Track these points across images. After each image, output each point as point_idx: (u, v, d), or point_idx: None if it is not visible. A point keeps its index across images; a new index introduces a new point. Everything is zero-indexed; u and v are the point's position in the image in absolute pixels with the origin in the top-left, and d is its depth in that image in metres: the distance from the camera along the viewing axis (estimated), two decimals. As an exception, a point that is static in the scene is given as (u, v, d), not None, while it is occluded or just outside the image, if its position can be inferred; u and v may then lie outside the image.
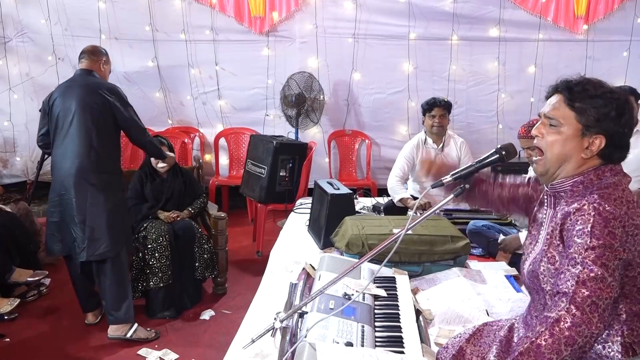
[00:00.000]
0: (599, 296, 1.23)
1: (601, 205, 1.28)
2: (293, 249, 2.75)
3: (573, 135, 1.38)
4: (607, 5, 5.15)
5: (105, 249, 2.99)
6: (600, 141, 1.36)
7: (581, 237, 1.27)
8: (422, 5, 5.15)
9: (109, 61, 3.27)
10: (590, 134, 1.36)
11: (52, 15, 5.22)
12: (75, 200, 2.96)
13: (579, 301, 1.23)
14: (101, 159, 3.00)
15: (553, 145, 1.40)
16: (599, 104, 1.35)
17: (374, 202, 3.73)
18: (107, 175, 3.02)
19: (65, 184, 2.99)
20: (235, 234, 4.52)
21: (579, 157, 1.39)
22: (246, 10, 5.24)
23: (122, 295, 3.08)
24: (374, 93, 5.44)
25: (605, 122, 1.35)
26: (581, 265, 1.25)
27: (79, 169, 2.96)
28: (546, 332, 1.23)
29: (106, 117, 3.00)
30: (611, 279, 1.24)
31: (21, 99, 5.46)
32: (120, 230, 3.07)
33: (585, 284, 1.24)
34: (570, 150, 1.38)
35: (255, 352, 1.64)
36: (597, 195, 1.30)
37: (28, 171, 5.58)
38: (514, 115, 5.41)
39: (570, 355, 1.21)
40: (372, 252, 1.55)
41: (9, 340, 3.09)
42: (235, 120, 5.58)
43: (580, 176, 1.39)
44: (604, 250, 1.24)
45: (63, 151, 3.01)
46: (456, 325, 1.91)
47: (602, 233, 1.25)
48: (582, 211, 1.30)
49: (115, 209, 3.04)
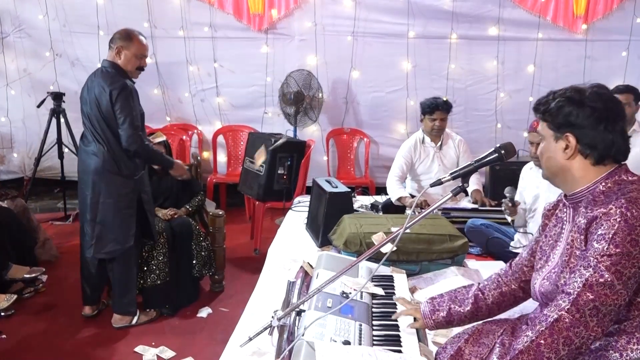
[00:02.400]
0: (603, 302, 1.24)
1: (629, 211, 1.27)
2: (291, 247, 2.75)
3: (550, 142, 1.45)
4: (606, 5, 5.15)
5: (111, 248, 3.04)
6: (570, 138, 1.40)
7: (600, 242, 1.27)
8: (421, 4, 5.14)
9: (129, 46, 2.98)
10: (560, 134, 1.42)
11: (50, 10, 5.21)
12: (89, 197, 3.00)
13: (581, 304, 1.24)
14: (117, 158, 2.98)
15: (541, 156, 1.50)
16: (558, 105, 1.42)
17: (372, 200, 3.72)
18: (120, 175, 3.00)
19: (85, 180, 3.03)
20: (233, 232, 4.51)
21: (564, 161, 1.42)
22: (245, 7, 5.23)
23: (127, 288, 3.16)
24: (373, 91, 5.43)
25: (566, 118, 1.40)
26: (593, 270, 1.26)
27: (96, 166, 2.97)
28: (546, 332, 1.25)
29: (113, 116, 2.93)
30: (621, 286, 1.24)
31: (18, 94, 5.44)
32: (129, 230, 3.05)
33: (592, 288, 1.25)
34: (555, 156, 1.44)
35: (252, 350, 1.63)
36: (624, 200, 1.29)
37: (25, 168, 5.57)
38: (513, 115, 5.41)
39: (567, 355, 1.25)
40: (370, 250, 1.55)
41: (5, 336, 3.08)
42: (234, 117, 5.57)
43: (597, 184, 1.39)
44: (620, 258, 1.24)
45: (86, 146, 3.03)
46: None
47: (623, 241, 1.25)
48: (609, 215, 1.29)
49: (125, 208, 3.03)
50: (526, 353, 1.26)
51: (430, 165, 3.86)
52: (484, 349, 1.51)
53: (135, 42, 3.00)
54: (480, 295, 1.63)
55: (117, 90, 2.88)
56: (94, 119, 2.96)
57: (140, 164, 3.10)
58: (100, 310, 3.33)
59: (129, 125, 2.90)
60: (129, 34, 3.01)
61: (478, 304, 1.62)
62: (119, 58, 2.98)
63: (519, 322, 1.56)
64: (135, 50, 3.00)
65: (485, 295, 1.63)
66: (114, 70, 2.98)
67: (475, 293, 1.64)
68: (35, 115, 5.22)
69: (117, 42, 2.98)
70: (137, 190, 3.08)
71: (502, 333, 1.53)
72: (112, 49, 3.00)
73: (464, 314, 1.62)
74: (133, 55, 3.00)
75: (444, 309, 1.63)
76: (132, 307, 3.21)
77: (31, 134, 5.50)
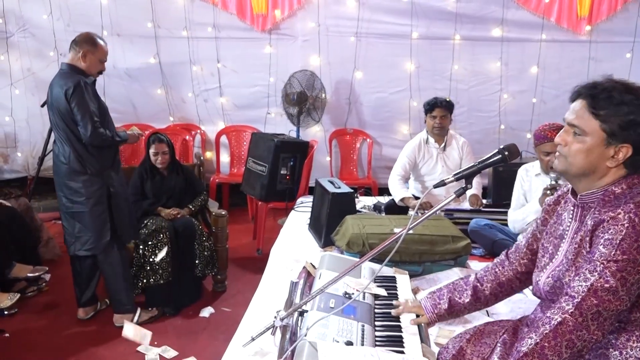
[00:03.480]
0: (606, 307, 1.24)
1: (637, 216, 1.25)
2: (293, 247, 2.75)
3: (597, 145, 1.33)
4: (611, 6, 5.14)
5: (90, 245, 3.09)
6: (627, 150, 1.32)
7: (607, 247, 1.26)
8: (425, 5, 5.14)
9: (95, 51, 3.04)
10: (615, 142, 1.31)
11: (54, 10, 5.22)
12: (63, 197, 3.09)
13: (585, 308, 1.25)
14: (82, 159, 3.02)
15: (577, 154, 1.36)
16: (624, 112, 1.30)
17: (375, 201, 3.72)
18: (86, 174, 3.03)
19: (58, 182, 3.11)
20: (236, 232, 4.52)
21: (604, 166, 1.34)
22: (248, 7, 5.23)
23: (119, 287, 3.19)
24: (376, 92, 5.43)
25: (630, 131, 1.30)
26: (599, 275, 1.25)
27: (65, 168, 3.04)
28: (550, 335, 1.26)
29: (71, 115, 2.96)
30: (624, 292, 1.24)
31: (22, 94, 5.46)
32: (103, 225, 3.09)
33: (597, 293, 1.25)
34: (595, 159, 1.34)
35: (254, 350, 1.63)
36: (633, 205, 1.27)
37: (29, 167, 5.58)
38: (516, 116, 5.40)
39: (569, 358, 1.25)
40: (373, 251, 1.55)
41: (8, 335, 3.09)
42: (237, 117, 5.57)
43: (611, 186, 1.35)
44: (626, 265, 1.24)
45: (55, 150, 3.11)
46: (456, 325, 1.91)
47: (630, 247, 1.24)
48: (616, 220, 1.27)
49: (95, 205, 3.05)
50: (530, 356, 1.26)
51: (434, 166, 3.85)
52: (486, 348, 1.52)
53: (99, 48, 3.08)
54: (479, 287, 1.65)
55: (72, 88, 2.92)
56: (58, 120, 3.01)
57: (107, 160, 3.10)
58: (95, 313, 3.34)
59: (89, 120, 2.93)
60: (94, 39, 3.07)
61: (477, 295, 1.64)
62: (83, 61, 3.03)
63: (520, 324, 1.56)
64: (100, 55, 3.08)
65: (483, 287, 1.65)
66: (71, 71, 3.03)
67: (474, 284, 1.66)
68: (39, 115, 5.23)
69: (84, 46, 3.03)
70: (105, 185, 3.09)
71: (504, 333, 1.54)
72: (76, 52, 3.03)
73: (463, 305, 1.65)
74: (98, 59, 3.08)
75: (445, 301, 1.66)
76: (129, 305, 3.22)
77: (35, 133, 5.51)
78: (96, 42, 3.07)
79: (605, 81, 1.36)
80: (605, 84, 1.34)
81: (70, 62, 3.05)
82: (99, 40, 3.09)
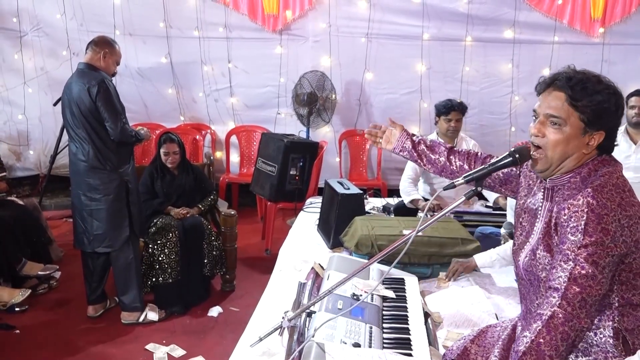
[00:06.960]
0: (589, 293, 1.27)
1: (594, 199, 1.29)
2: (302, 247, 2.75)
3: (575, 134, 1.37)
4: (624, 8, 5.08)
5: (109, 242, 3.14)
6: (600, 136, 1.38)
7: (574, 234, 1.30)
8: (437, 6, 5.12)
9: (113, 53, 3.16)
10: (591, 130, 1.37)
11: (67, 10, 5.27)
12: (81, 195, 3.11)
13: (570, 297, 1.27)
14: (101, 155, 3.06)
15: (556, 144, 1.38)
16: (599, 100, 1.35)
17: (384, 202, 3.71)
18: (105, 170, 3.08)
19: (76, 180, 3.14)
20: (245, 232, 4.52)
21: (580, 153, 1.39)
22: (260, 8, 5.24)
23: (129, 284, 3.22)
24: (386, 93, 5.42)
25: (605, 118, 1.36)
26: (573, 262, 1.28)
27: (84, 167, 3.07)
28: (543, 330, 1.28)
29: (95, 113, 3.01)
30: (601, 276, 1.28)
31: (35, 92, 5.51)
32: (123, 221, 3.14)
33: (577, 280, 1.27)
34: (573, 148, 1.38)
35: (262, 350, 1.64)
36: (590, 189, 1.31)
37: (41, 165, 5.63)
38: (527, 118, 5.29)
39: (566, 350, 1.28)
40: (382, 253, 1.54)
41: (18, 331, 3.12)
42: (247, 117, 5.59)
43: (578, 168, 1.40)
44: (596, 248, 1.27)
45: (72, 150, 3.14)
46: (465, 328, 1.89)
47: (595, 230, 1.27)
48: (575, 206, 1.31)
49: (114, 201, 3.10)
50: (528, 354, 1.27)
51: (444, 168, 3.83)
52: (489, 348, 1.56)
53: (116, 51, 3.19)
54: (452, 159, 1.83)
55: (96, 86, 2.98)
56: (78, 118, 3.03)
57: (124, 157, 3.17)
58: (105, 310, 3.36)
59: (117, 117, 3.02)
60: (112, 42, 3.18)
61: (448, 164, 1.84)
62: (102, 62, 3.09)
63: (520, 321, 1.57)
64: (116, 57, 3.20)
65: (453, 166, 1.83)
66: (91, 70, 3.07)
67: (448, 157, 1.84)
68: (52, 113, 5.27)
69: (104, 47, 3.12)
70: (124, 181, 3.15)
71: (505, 331, 1.56)
72: (95, 52, 3.09)
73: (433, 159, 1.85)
74: (115, 61, 3.19)
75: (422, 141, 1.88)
76: (137, 303, 3.24)
77: (47, 132, 5.56)
78: (114, 45, 3.18)
79: (574, 72, 1.40)
80: (578, 75, 1.39)
81: (89, 62, 3.09)
82: (116, 43, 3.20)
